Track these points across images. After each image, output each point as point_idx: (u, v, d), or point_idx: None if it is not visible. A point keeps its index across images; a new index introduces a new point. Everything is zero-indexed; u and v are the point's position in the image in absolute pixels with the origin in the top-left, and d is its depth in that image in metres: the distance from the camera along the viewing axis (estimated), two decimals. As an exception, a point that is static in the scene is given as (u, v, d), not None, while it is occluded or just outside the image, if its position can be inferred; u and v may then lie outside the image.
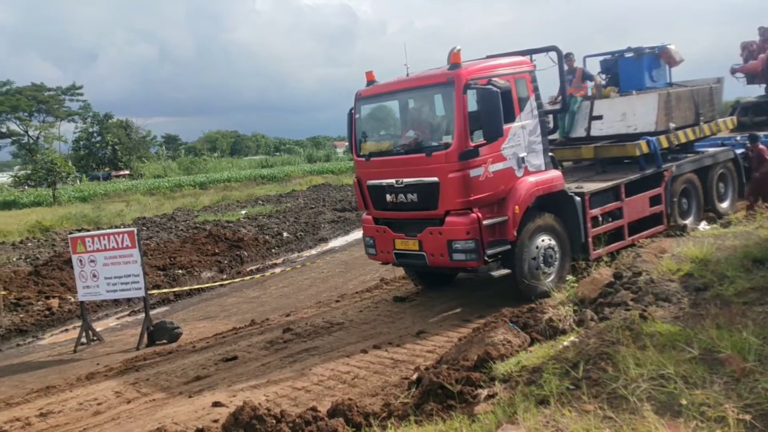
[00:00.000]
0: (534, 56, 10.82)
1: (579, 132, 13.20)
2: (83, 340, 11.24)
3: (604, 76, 14.18)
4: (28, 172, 55.95)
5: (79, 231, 24.40)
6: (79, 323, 12.46)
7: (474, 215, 9.43)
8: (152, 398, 8.15)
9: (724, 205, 13.85)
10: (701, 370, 4.24)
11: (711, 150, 13.85)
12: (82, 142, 78.70)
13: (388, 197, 10.27)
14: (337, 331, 10.06)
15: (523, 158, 9.95)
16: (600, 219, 11.00)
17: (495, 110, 9.20)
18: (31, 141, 76.94)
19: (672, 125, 12.46)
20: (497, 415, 4.40)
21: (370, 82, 10.80)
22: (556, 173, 10.45)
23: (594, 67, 14.56)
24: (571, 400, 4.12)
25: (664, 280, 6.84)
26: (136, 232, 11.10)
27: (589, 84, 13.56)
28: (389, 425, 5.46)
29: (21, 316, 13.19)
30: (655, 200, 12.03)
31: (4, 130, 76.42)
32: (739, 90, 19.66)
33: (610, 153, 12.45)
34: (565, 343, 5.56)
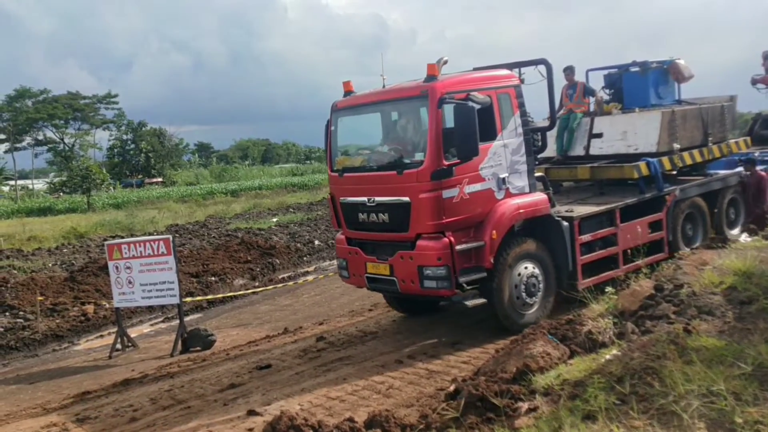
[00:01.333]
0: (524, 70, 10.32)
1: (578, 150, 12.43)
2: (118, 346, 11.34)
3: (607, 92, 13.45)
4: (64, 179, 56.96)
5: (113, 238, 24.72)
6: (114, 329, 12.58)
7: (446, 239, 8.75)
8: (187, 405, 8.17)
9: (735, 231, 12.89)
10: (753, 386, 4.11)
11: (722, 173, 12.93)
12: (116, 150, 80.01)
13: (360, 216, 9.62)
14: (371, 341, 10.02)
15: (504, 179, 9.28)
16: (591, 246, 10.29)
17: (470, 127, 8.55)
18: (67, 148, 78.41)
19: (676, 146, 11.62)
20: (541, 430, 4.31)
21: (347, 92, 10.15)
22: (541, 196, 9.71)
23: (597, 81, 13.81)
24: (618, 415, 4.02)
25: (706, 292, 6.66)
26: (171, 239, 11.19)
27: (591, 100, 12.85)
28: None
29: (57, 321, 13.35)
30: (655, 226, 11.24)
31: (40, 137, 78.11)
32: (761, 102, 18.50)
33: (608, 174, 11.69)
34: (608, 357, 5.45)
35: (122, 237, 23.75)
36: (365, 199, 9.45)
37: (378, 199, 9.31)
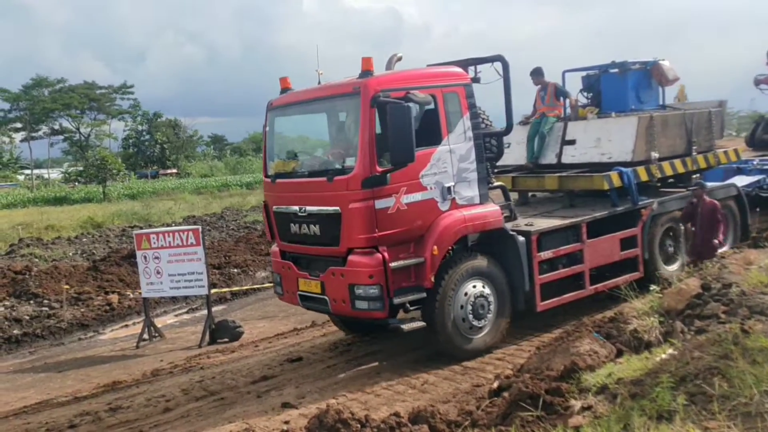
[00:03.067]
0: (482, 68, 9.39)
1: (549, 158, 11.34)
2: (145, 336, 11.31)
3: (585, 95, 12.46)
4: (80, 168, 57.19)
5: (131, 228, 24.78)
6: (139, 319, 12.60)
7: (379, 255, 7.84)
8: (220, 397, 8.13)
9: (722, 250, 10.96)
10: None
11: (709, 185, 11.47)
12: (131, 140, 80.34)
13: (293, 227, 8.67)
14: (401, 335, 9.92)
15: (449, 188, 8.33)
16: (554, 263, 9.36)
17: (404, 129, 7.60)
18: (83, 138, 78.77)
19: (654, 155, 10.58)
20: (604, 429, 4.21)
21: (285, 89, 9.14)
22: (492, 208, 8.75)
23: (575, 83, 12.75)
24: (690, 415, 3.92)
25: (755, 292, 6.55)
26: (200, 229, 11.15)
27: (565, 102, 11.82)
28: (475, 434, 5.32)
29: (82, 310, 13.36)
30: (628, 242, 10.17)
31: (56, 127, 78.48)
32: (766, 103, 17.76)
33: (577, 184, 10.60)
34: (663, 356, 5.35)
35: (140, 227, 23.79)
36: (297, 208, 8.52)
37: (309, 208, 8.37)
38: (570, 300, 9.46)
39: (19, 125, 78.29)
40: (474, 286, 8.48)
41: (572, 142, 11.09)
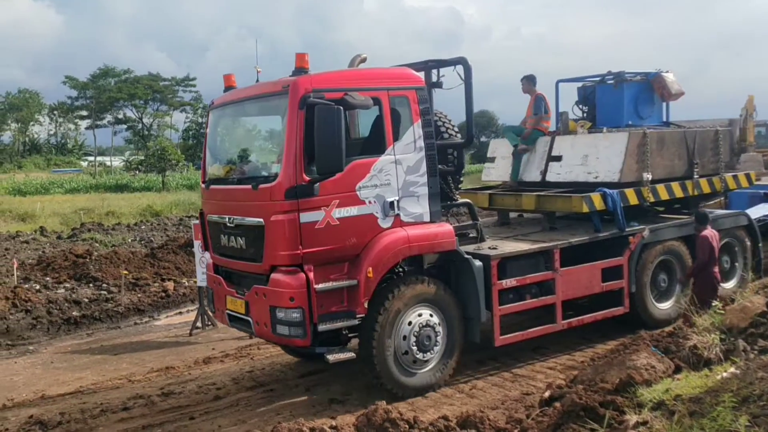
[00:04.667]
0: (444, 71, 8.68)
1: (533, 174, 10.36)
2: (198, 324, 11.51)
3: (581, 108, 11.53)
4: (141, 157, 58.64)
5: (189, 218, 25.28)
6: (193, 307, 12.86)
7: (302, 275, 7.03)
8: (270, 388, 8.23)
9: (728, 285, 10.24)
10: None
11: (717, 212, 10.66)
12: (191, 132, 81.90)
13: (222, 239, 7.97)
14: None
15: (393, 203, 7.48)
16: (521, 293, 8.48)
17: (331, 134, 6.83)
18: (145, 128, 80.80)
19: (647, 176, 9.49)
20: (660, 446, 4.10)
21: (228, 88, 8.42)
22: (444, 227, 7.91)
23: (570, 95, 11.79)
24: (753, 439, 3.79)
25: (825, 314, 6.31)
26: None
27: (543, 116, 10.59)
28: (525, 443, 5.24)
29: (139, 295, 13.67)
30: (611, 273, 9.11)
31: (120, 116, 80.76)
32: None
33: (555, 205, 9.58)
34: (724, 375, 5.18)
35: (197, 218, 24.23)
36: (227, 218, 7.81)
37: (236, 218, 7.67)
38: (536, 335, 8.62)
39: (84, 113, 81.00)
40: (420, 315, 7.63)
41: (558, 158, 10.11)
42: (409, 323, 7.58)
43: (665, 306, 9.78)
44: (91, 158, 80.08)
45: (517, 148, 10.57)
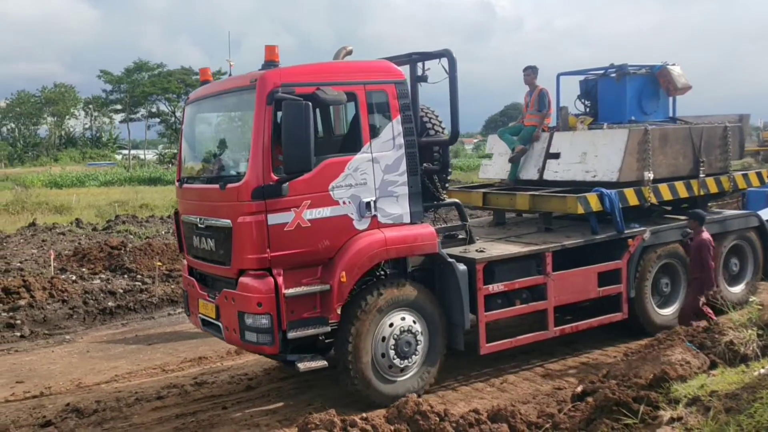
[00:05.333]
0: (429, 64, 8.18)
1: (531, 173, 9.96)
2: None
3: (584, 103, 11.07)
4: (174, 151, 59.31)
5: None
6: (225, 299, 12.96)
7: (270, 280, 6.70)
8: (302, 379, 8.27)
9: (737, 289, 10.02)
10: None
11: (726, 213, 10.35)
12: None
13: (194, 240, 7.69)
14: (512, 327, 9.76)
15: (369, 204, 7.12)
16: (510, 298, 8.08)
17: (299, 131, 6.46)
18: (178, 122, 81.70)
19: (648, 175, 9.04)
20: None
21: (204, 82, 8.14)
22: (425, 229, 7.50)
23: (571, 88, 11.28)
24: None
25: None
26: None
27: (545, 113, 10.13)
28: (557, 437, 5.22)
29: (172, 287, 13.82)
30: (609, 277, 8.67)
31: (154, 109, 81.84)
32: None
33: (549, 205, 9.11)
34: (762, 371, 5.11)
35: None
36: (198, 218, 7.53)
37: (206, 219, 7.38)
38: (525, 343, 8.24)
39: (119, 107, 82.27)
40: (400, 320, 7.27)
41: (556, 156, 9.68)
42: (388, 329, 7.22)
43: (668, 312, 9.30)
44: (125, 151, 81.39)
45: (514, 152, 10.14)
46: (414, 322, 7.36)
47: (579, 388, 6.23)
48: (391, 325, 7.22)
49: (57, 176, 48.89)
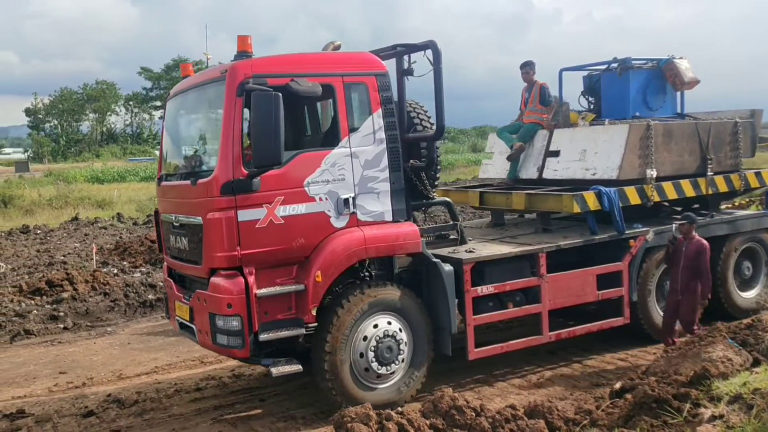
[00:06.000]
0: (416, 57, 7.69)
1: (530, 171, 9.61)
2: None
3: (588, 99, 10.60)
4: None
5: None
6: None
7: (241, 279, 6.42)
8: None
9: (749, 294, 9.54)
10: None
11: (738, 213, 9.81)
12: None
13: (171, 239, 7.49)
14: (517, 327, 9.75)
15: (348, 200, 6.83)
16: (503, 300, 7.73)
17: (268, 123, 6.18)
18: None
19: (651, 173, 8.63)
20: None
21: (185, 77, 7.81)
22: (407, 227, 7.16)
23: (574, 84, 10.84)
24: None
25: None
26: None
27: (551, 106, 9.75)
28: (595, 434, 5.17)
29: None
30: (609, 280, 8.26)
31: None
32: None
33: (546, 205, 8.72)
34: (807, 370, 4.97)
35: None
36: (173, 216, 7.33)
37: (180, 217, 7.16)
38: (517, 348, 7.88)
39: (159, 103, 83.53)
40: (381, 324, 6.94)
41: (556, 154, 9.31)
42: (368, 332, 6.89)
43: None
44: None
45: (512, 150, 9.79)
46: (394, 325, 7.01)
47: (617, 385, 6.15)
48: (369, 331, 6.88)
49: (99, 172, 49.83)
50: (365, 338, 6.86)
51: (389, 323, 6.98)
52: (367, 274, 7.21)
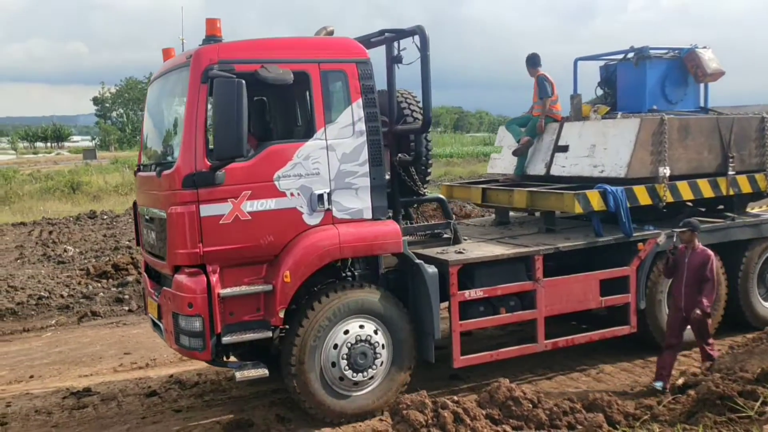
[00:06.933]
0: (405, 43, 7.17)
1: (538, 167, 9.01)
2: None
3: (605, 90, 9.96)
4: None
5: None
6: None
7: (203, 278, 6.04)
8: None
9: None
10: None
11: (765, 216, 8.91)
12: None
13: (145, 233, 7.11)
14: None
15: (323, 196, 6.36)
16: (495, 305, 7.24)
17: (230, 112, 5.78)
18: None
19: (664, 171, 7.98)
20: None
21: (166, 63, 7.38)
22: (387, 226, 6.67)
23: (590, 74, 10.21)
24: None
25: None
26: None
27: (545, 99, 9.10)
28: (656, 430, 5.05)
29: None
30: (614, 286, 7.64)
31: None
32: None
33: (547, 203, 8.15)
34: None
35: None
36: (145, 209, 6.98)
37: (149, 210, 6.82)
38: (508, 356, 7.41)
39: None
40: (362, 326, 6.54)
41: (565, 149, 8.73)
42: (339, 339, 6.47)
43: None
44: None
45: (519, 144, 9.26)
46: (375, 331, 6.59)
47: (680, 381, 6.02)
48: (346, 332, 6.49)
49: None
50: (336, 346, 6.44)
51: (362, 327, 6.54)
52: (349, 273, 6.82)
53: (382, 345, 6.63)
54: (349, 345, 6.47)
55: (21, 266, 14.73)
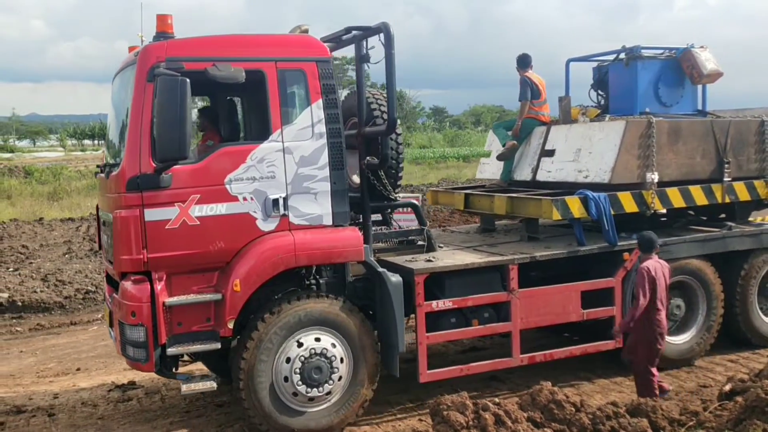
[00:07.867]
0: (373, 42, 6.83)
1: (525, 172, 8.67)
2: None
3: (599, 93, 9.59)
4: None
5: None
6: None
7: (147, 285, 5.79)
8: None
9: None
10: None
11: (765, 225, 8.49)
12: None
13: (103, 236, 6.78)
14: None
15: (278, 201, 6.11)
16: (467, 317, 6.95)
17: (172, 111, 5.51)
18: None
19: (652, 177, 7.61)
20: None
21: None
22: (347, 233, 6.41)
23: (582, 75, 9.96)
24: None
25: None
26: (420, 198, 11.36)
27: (527, 102, 8.80)
28: (702, 437, 4.96)
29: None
30: (597, 298, 7.30)
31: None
32: None
33: (526, 210, 7.75)
34: None
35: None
36: (102, 212, 6.73)
37: (103, 213, 6.63)
38: (482, 371, 7.16)
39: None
40: (317, 339, 6.25)
41: (551, 153, 8.39)
42: (292, 353, 6.20)
43: (681, 340, 7.86)
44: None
45: (504, 148, 8.98)
46: (333, 345, 6.29)
47: (727, 387, 5.86)
48: (300, 345, 6.20)
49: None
50: (288, 360, 6.17)
51: (317, 339, 6.26)
52: (314, 282, 6.57)
53: (341, 359, 6.34)
54: (302, 359, 6.18)
55: (69, 261, 15.06)
